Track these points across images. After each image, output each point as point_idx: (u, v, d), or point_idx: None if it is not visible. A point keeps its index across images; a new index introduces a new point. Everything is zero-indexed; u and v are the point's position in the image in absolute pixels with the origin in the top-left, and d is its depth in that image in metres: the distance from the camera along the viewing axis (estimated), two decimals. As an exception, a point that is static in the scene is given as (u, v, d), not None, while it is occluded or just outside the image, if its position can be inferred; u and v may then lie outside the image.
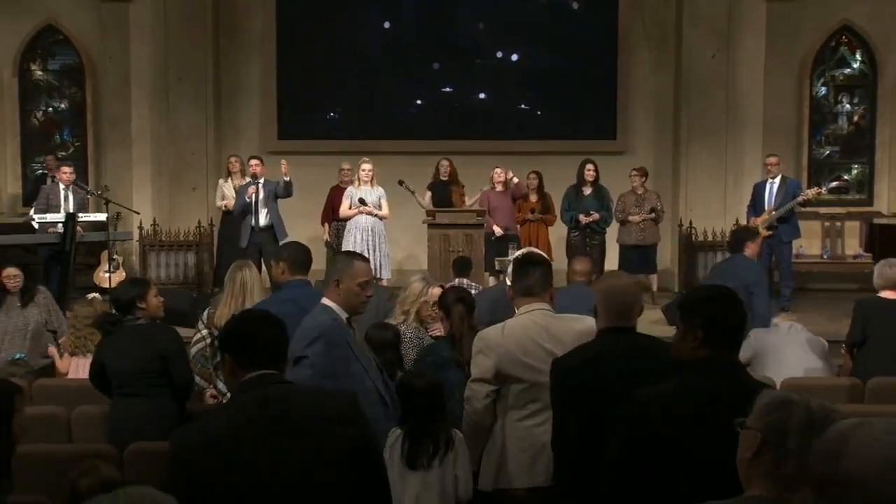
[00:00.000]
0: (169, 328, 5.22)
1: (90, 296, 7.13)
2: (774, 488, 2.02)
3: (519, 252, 5.30)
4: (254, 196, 9.44)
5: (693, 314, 2.73)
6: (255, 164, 9.71)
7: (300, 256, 4.76)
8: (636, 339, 3.28)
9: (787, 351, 6.02)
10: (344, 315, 3.74)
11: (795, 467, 1.97)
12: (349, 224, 9.58)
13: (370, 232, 9.44)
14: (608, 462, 2.67)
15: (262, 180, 9.56)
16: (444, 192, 10.21)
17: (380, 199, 9.57)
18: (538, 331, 3.71)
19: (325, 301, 3.77)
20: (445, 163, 10.42)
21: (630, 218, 10.20)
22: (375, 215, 9.48)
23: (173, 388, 4.88)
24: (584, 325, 3.69)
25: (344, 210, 9.65)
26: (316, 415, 2.57)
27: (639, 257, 10.22)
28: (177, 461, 2.51)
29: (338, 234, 10.09)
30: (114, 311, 5.08)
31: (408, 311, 5.37)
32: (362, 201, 9.47)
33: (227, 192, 10.54)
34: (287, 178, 9.31)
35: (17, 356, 6.62)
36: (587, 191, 10.09)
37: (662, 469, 2.52)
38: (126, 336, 4.87)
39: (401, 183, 9.93)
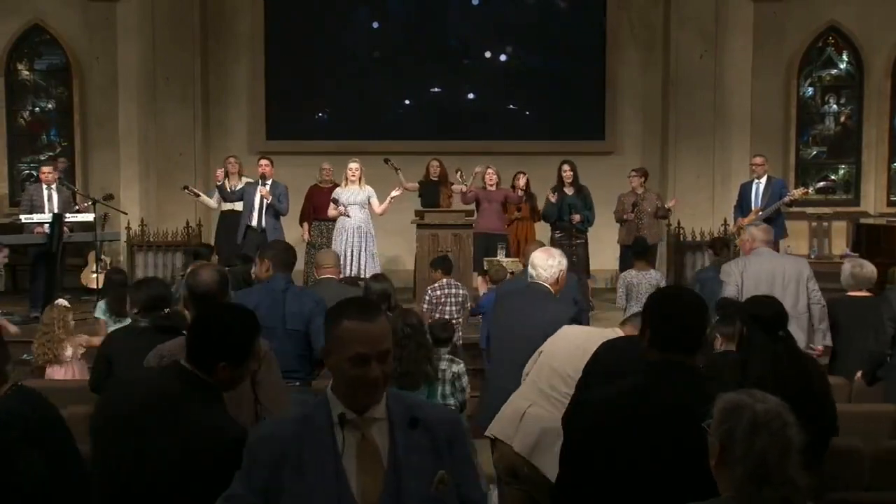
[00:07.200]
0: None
1: (58, 301, 6.83)
2: (739, 490, 2.04)
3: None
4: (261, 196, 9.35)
5: (644, 313, 2.72)
6: (265, 165, 9.52)
7: (285, 257, 4.84)
8: None
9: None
10: (336, 411, 2.27)
11: (743, 474, 2.01)
12: (337, 225, 9.50)
13: (358, 232, 9.34)
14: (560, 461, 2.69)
15: (269, 182, 9.44)
16: (434, 193, 10.20)
17: (369, 198, 9.50)
18: None
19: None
20: (435, 163, 10.41)
21: (625, 216, 10.11)
22: (347, 215, 9.33)
23: None
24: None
25: (330, 211, 9.60)
26: None
27: None
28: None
29: (320, 234, 10.00)
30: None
31: None
32: (335, 201, 9.37)
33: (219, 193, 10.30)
34: (268, 201, 9.32)
35: None
36: (569, 192, 10.05)
37: (600, 469, 2.50)
38: (138, 334, 4.41)
39: (386, 161, 10.16)
